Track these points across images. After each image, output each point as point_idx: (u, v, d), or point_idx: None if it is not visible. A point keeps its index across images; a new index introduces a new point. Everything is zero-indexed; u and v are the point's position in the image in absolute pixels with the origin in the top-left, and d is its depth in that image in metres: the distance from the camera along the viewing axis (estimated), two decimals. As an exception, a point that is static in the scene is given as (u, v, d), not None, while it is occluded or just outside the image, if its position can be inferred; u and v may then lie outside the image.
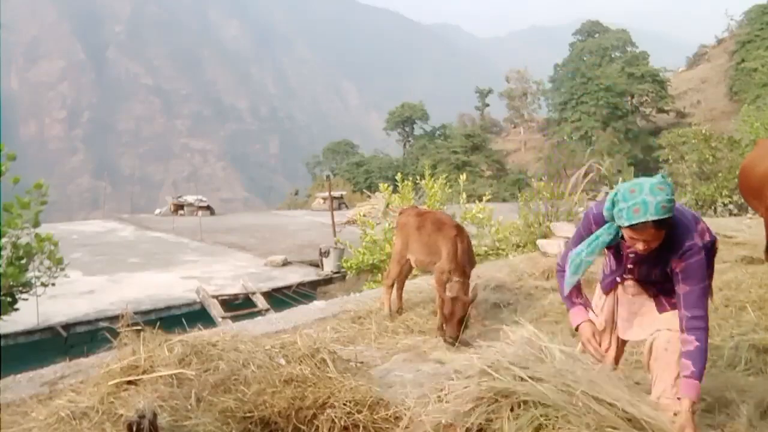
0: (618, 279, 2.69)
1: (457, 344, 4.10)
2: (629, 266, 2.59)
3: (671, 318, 2.55)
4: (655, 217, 2.23)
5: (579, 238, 2.61)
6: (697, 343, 2.36)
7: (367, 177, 43.61)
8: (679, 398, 2.37)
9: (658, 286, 2.59)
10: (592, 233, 2.53)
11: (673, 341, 2.51)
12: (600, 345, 2.70)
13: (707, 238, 2.54)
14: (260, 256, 14.06)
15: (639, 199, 2.23)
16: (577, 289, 2.71)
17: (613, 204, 2.33)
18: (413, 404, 2.92)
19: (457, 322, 4.14)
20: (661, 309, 2.63)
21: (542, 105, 59.45)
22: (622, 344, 2.90)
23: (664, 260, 2.44)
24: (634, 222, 2.24)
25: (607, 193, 2.75)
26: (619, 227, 2.38)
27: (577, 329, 2.74)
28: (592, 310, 2.82)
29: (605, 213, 2.39)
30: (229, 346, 3.41)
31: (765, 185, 5.52)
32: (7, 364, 4.25)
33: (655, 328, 2.63)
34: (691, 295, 2.39)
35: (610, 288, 2.78)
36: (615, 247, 2.56)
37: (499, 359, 3.03)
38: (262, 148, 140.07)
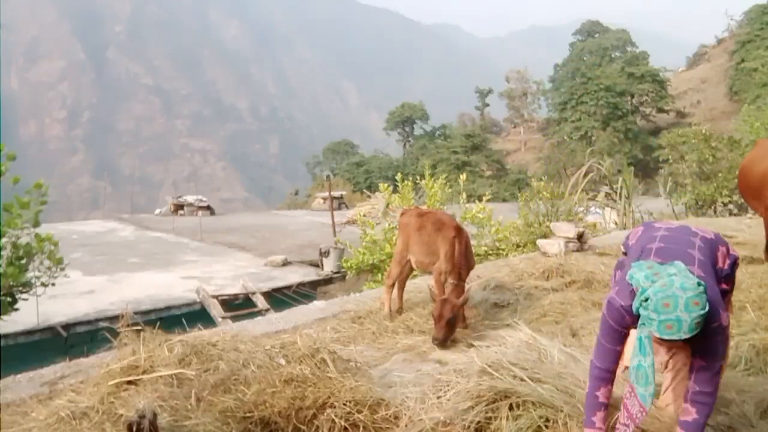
0: None
1: (445, 345, 4.10)
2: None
3: None
4: (689, 335, 2.12)
5: (611, 331, 2.45)
6: (697, 417, 2.35)
7: (367, 177, 43.62)
8: None
9: None
10: (625, 324, 2.41)
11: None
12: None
13: (727, 264, 2.57)
14: (260, 256, 14.06)
15: (673, 316, 2.10)
16: (603, 414, 2.53)
17: (642, 306, 2.19)
18: (413, 404, 2.93)
19: (445, 324, 4.14)
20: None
21: (542, 105, 59.52)
22: None
23: (694, 344, 2.31)
24: (666, 338, 2.15)
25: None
26: None
27: None
28: None
29: (634, 308, 2.25)
30: (229, 346, 3.41)
31: (764, 185, 5.52)
32: (7, 364, 4.25)
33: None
34: (705, 371, 2.34)
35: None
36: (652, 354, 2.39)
37: (499, 359, 3.04)
38: (262, 148, 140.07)
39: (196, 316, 9.32)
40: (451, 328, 4.18)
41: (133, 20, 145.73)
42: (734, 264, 2.60)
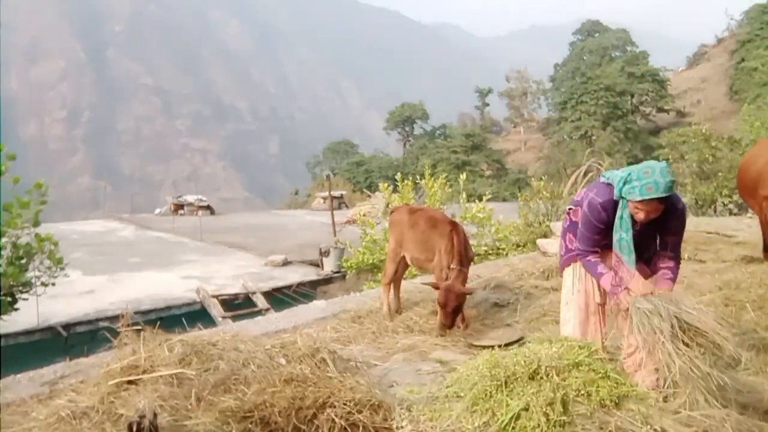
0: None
1: (446, 333, 4.12)
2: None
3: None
4: (664, 195, 2.75)
5: (591, 225, 3.05)
6: (672, 264, 3.05)
7: (367, 177, 43.61)
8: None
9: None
10: (602, 219, 3.00)
11: None
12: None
13: None
14: (260, 256, 14.06)
15: (652, 180, 2.75)
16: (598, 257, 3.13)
17: (625, 183, 2.84)
18: (413, 404, 2.93)
19: (451, 312, 4.15)
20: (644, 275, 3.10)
21: (542, 104, 59.50)
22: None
23: (663, 223, 2.95)
24: (646, 197, 2.75)
25: (607, 183, 3.01)
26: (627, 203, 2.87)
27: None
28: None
29: (616, 192, 2.89)
30: (229, 345, 3.41)
31: (759, 183, 5.54)
32: (7, 364, 4.25)
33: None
34: (676, 244, 3.04)
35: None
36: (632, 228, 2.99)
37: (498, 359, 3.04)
38: (262, 148, 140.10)
39: (196, 315, 9.31)
40: (456, 314, 4.19)
41: (133, 20, 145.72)
42: None
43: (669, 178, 2.76)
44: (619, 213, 2.94)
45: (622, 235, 2.94)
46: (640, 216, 2.85)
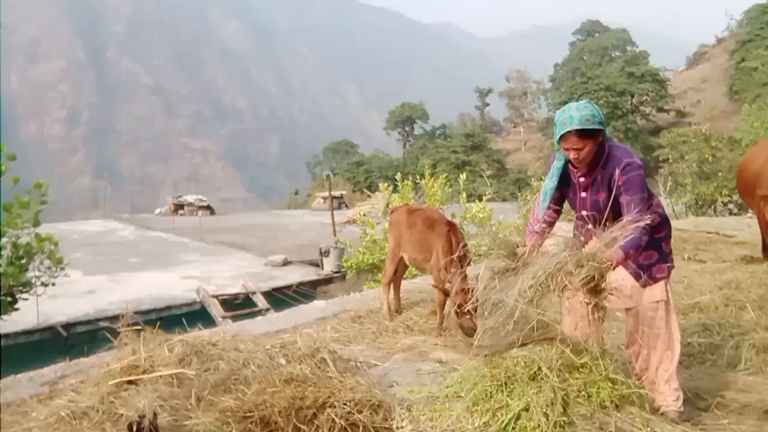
0: (576, 218, 3.09)
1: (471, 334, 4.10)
2: (582, 194, 2.95)
3: (651, 292, 2.95)
4: (578, 127, 2.68)
5: (545, 188, 3.02)
6: (633, 235, 2.66)
7: (367, 176, 43.61)
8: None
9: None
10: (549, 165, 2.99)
11: (657, 319, 2.96)
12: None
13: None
14: (260, 256, 14.06)
15: (566, 115, 2.74)
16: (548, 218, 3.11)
17: (554, 127, 2.81)
18: (413, 404, 2.93)
19: (474, 311, 4.16)
20: (640, 282, 2.96)
21: (542, 104, 59.51)
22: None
23: (609, 180, 2.82)
24: (563, 131, 2.72)
25: None
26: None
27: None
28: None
29: (555, 141, 2.84)
30: (229, 345, 3.41)
31: (757, 183, 5.55)
32: (7, 364, 4.25)
33: (636, 301, 2.97)
34: (632, 202, 2.76)
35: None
36: (567, 180, 2.98)
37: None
38: (262, 148, 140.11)
39: (196, 315, 9.31)
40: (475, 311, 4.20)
41: (133, 20, 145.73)
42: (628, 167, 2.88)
43: (585, 111, 2.69)
44: (553, 164, 2.94)
45: (546, 185, 2.95)
46: (571, 156, 2.79)
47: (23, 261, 3.73)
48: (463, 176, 9.28)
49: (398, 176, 9.86)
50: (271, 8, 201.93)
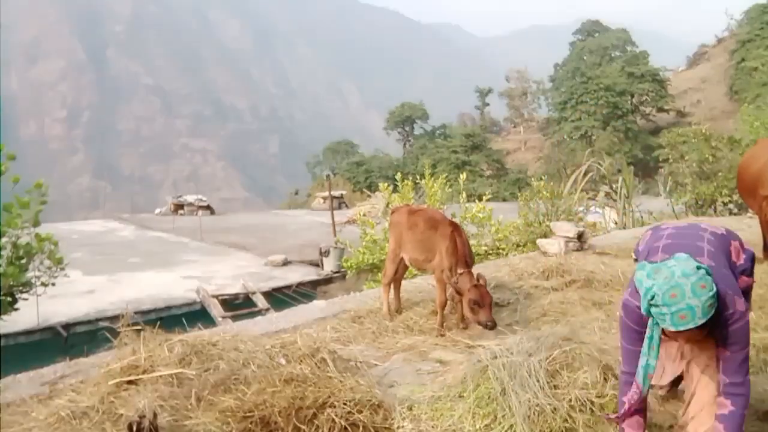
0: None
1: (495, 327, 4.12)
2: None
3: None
4: (703, 320, 2.07)
5: (630, 332, 2.43)
6: (733, 408, 2.28)
7: (367, 176, 43.58)
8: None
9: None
10: (642, 324, 2.33)
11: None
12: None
13: (743, 258, 2.53)
14: (260, 256, 14.06)
15: (684, 305, 2.05)
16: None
17: (651, 305, 2.13)
18: (414, 404, 2.93)
19: (489, 306, 4.17)
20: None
21: (542, 104, 59.48)
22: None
23: (708, 332, 2.25)
24: (683, 329, 2.09)
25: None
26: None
27: None
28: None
29: (643, 307, 2.17)
30: (229, 345, 3.41)
31: (758, 183, 5.54)
32: (7, 364, 4.25)
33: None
34: (732, 360, 2.31)
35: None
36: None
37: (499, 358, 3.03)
38: (262, 148, 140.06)
39: (196, 315, 9.32)
40: (491, 307, 4.22)
41: (133, 20, 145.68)
42: (752, 258, 2.57)
43: (705, 297, 2.05)
44: (648, 332, 2.27)
45: (650, 362, 2.28)
46: (680, 339, 2.28)
47: (23, 261, 3.72)
48: (463, 176, 9.28)
49: (398, 176, 9.86)
50: (271, 8, 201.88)
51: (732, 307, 2.22)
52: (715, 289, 2.08)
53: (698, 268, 2.12)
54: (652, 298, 2.11)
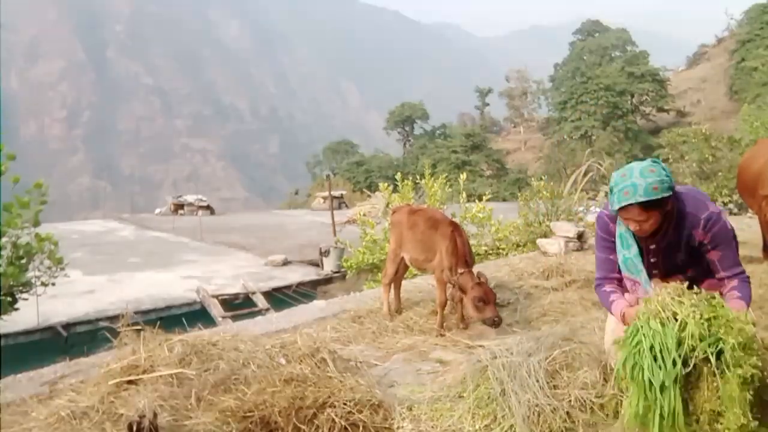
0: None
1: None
2: (652, 260, 2.59)
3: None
4: (644, 199, 2.27)
5: (601, 241, 2.69)
6: (740, 294, 2.46)
7: (367, 176, 43.58)
8: None
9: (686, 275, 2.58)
10: (611, 230, 2.61)
11: None
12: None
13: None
14: (260, 256, 14.05)
15: (629, 183, 2.30)
16: (616, 286, 2.73)
17: (610, 193, 2.39)
18: (414, 404, 2.93)
19: (493, 303, 4.17)
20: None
21: (542, 104, 59.52)
22: None
23: (687, 239, 2.48)
24: (623, 204, 2.31)
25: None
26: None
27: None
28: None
29: (609, 205, 2.43)
30: (229, 345, 3.41)
31: (758, 183, 5.54)
32: (7, 364, 4.25)
33: None
34: (725, 258, 2.49)
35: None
36: (635, 244, 2.57)
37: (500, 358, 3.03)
38: (262, 148, 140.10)
39: (196, 315, 9.30)
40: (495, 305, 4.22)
41: (133, 20, 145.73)
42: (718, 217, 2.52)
43: (652, 178, 2.27)
44: (617, 230, 2.53)
45: (625, 255, 2.52)
46: (634, 228, 2.41)
47: (23, 261, 3.72)
48: (463, 176, 9.28)
49: (398, 176, 9.85)
50: (271, 8, 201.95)
51: (707, 211, 2.43)
52: (663, 176, 2.29)
53: (653, 161, 2.38)
54: (610, 183, 2.37)
